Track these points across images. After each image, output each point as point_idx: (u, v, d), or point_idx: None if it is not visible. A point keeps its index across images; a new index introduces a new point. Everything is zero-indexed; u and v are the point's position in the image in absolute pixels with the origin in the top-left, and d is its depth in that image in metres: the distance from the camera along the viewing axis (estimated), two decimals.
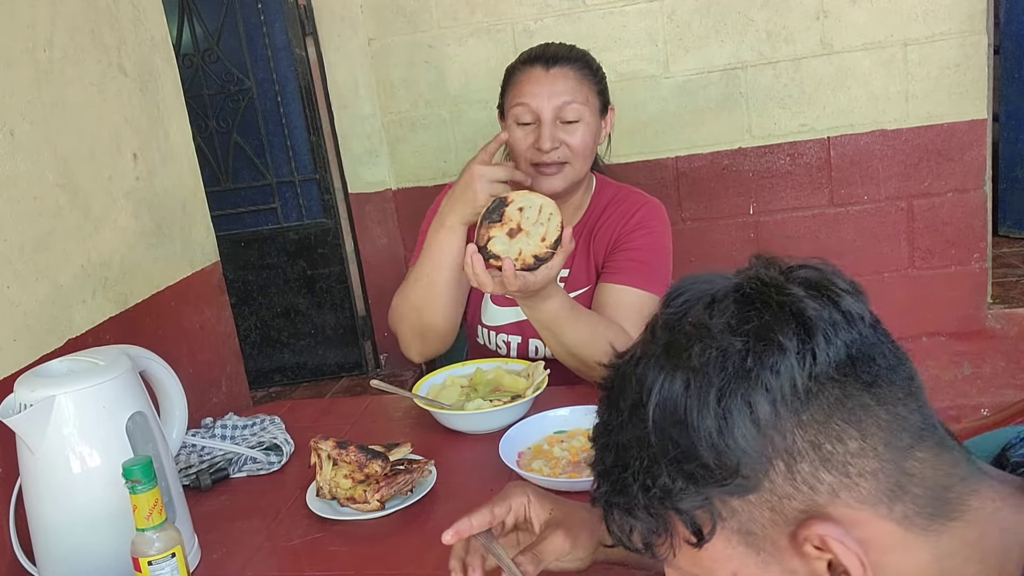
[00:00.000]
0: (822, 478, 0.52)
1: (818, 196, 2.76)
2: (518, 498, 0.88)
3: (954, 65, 2.62)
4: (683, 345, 0.54)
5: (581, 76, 1.51)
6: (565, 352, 1.41)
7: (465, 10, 2.81)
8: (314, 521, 1.17)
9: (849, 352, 0.52)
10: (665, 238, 1.56)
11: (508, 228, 1.27)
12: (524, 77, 1.51)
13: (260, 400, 3.12)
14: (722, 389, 0.52)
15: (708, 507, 0.53)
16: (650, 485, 0.54)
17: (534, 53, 1.53)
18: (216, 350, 1.87)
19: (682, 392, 0.53)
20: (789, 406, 0.51)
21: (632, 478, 0.55)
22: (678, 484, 0.53)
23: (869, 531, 0.52)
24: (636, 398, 0.55)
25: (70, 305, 1.41)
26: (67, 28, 1.48)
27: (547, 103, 1.47)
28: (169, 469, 1.12)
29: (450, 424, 1.38)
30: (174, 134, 1.80)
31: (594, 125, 1.51)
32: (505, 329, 1.59)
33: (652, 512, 0.55)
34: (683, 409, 0.52)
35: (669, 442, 0.53)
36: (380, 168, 3.09)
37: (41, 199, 1.37)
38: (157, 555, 0.93)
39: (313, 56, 3.08)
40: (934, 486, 0.53)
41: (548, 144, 1.46)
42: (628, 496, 0.56)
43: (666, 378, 0.54)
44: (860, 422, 0.52)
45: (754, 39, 2.68)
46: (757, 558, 0.54)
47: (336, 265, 3.31)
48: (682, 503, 0.53)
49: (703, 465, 0.52)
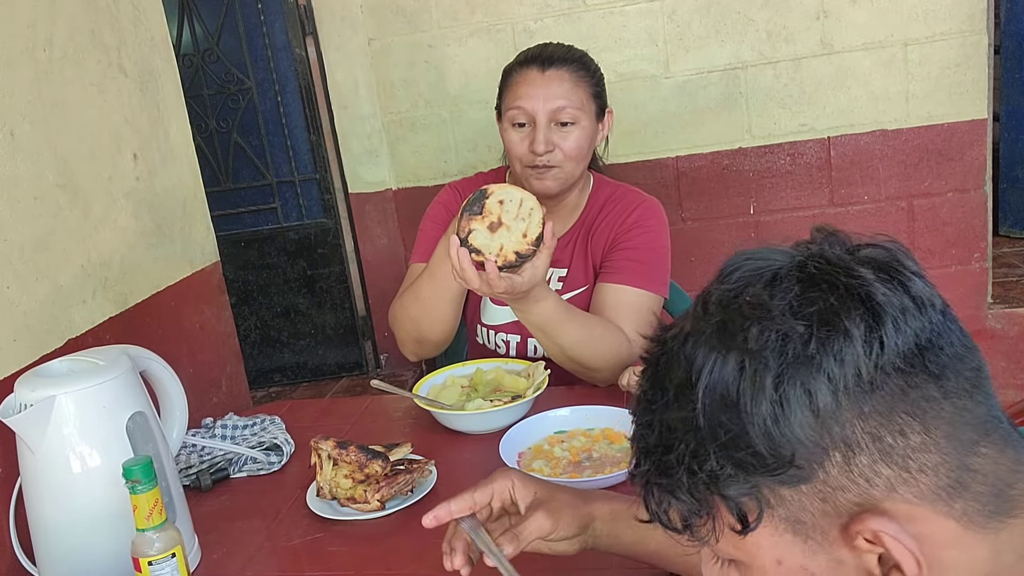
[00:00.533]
0: (880, 471, 0.49)
1: (818, 196, 2.76)
2: (502, 482, 0.88)
3: (954, 65, 2.62)
4: (739, 325, 0.51)
5: (577, 79, 1.50)
6: (561, 354, 1.41)
7: (465, 10, 2.81)
8: (314, 521, 1.17)
9: (918, 341, 0.50)
10: (663, 236, 1.56)
11: (489, 221, 1.25)
12: (520, 79, 1.50)
13: (260, 400, 3.12)
14: (780, 375, 0.49)
15: (756, 494, 0.51)
16: (696, 469, 0.52)
17: (531, 54, 1.52)
18: (216, 350, 1.87)
19: (735, 375, 0.50)
20: (852, 396, 0.49)
21: (677, 460, 0.52)
22: (726, 470, 0.51)
23: (926, 527, 0.50)
24: (684, 378, 0.52)
25: (70, 305, 1.41)
26: (67, 28, 1.48)
27: (542, 106, 1.46)
28: (169, 469, 1.12)
29: (450, 424, 1.38)
30: (174, 134, 1.79)
31: (590, 128, 1.51)
32: (504, 328, 1.59)
33: (696, 495, 0.53)
34: (736, 393, 0.50)
35: (719, 427, 0.50)
36: (380, 168, 3.09)
37: (41, 199, 1.37)
38: (157, 555, 0.93)
39: (313, 56, 3.08)
40: (996, 482, 0.51)
41: (542, 147, 1.46)
42: (671, 478, 0.53)
43: (718, 359, 0.51)
44: (924, 415, 0.49)
45: (754, 39, 2.68)
46: (804, 546, 0.52)
47: (336, 265, 3.31)
48: (729, 489, 0.51)
49: (754, 453, 0.50)
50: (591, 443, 1.27)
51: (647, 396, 0.56)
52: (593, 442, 1.27)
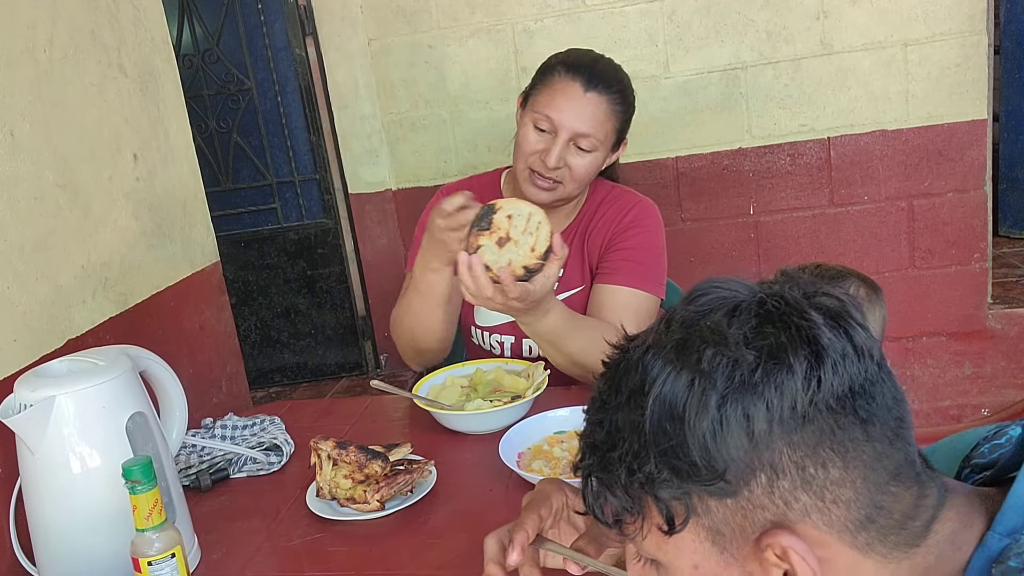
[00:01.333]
0: (799, 497, 0.54)
1: (818, 196, 2.76)
2: (557, 496, 0.87)
3: (954, 65, 2.62)
4: (696, 346, 0.55)
5: (612, 111, 1.47)
6: (567, 361, 1.41)
7: (465, 10, 2.81)
8: (314, 521, 1.17)
9: (852, 386, 0.54)
10: (659, 237, 1.56)
11: (497, 237, 1.24)
12: (560, 86, 1.45)
13: (260, 400, 3.12)
14: (725, 396, 0.53)
15: (685, 500, 0.55)
16: (635, 469, 0.56)
17: (582, 63, 1.47)
18: (216, 350, 1.87)
19: (685, 390, 0.54)
20: (785, 426, 0.53)
21: (619, 458, 0.57)
22: (663, 474, 0.55)
23: (830, 553, 0.55)
24: (638, 385, 0.57)
25: (70, 305, 1.41)
26: (67, 28, 1.48)
27: (570, 123, 1.44)
28: (169, 469, 1.12)
29: (450, 424, 1.38)
30: (174, 134, 1.80)
31: (602, 158, 1.50)
32: (498, 330, 1.60)
33: (631, 493, 0.57)
34: (683, 406, 0.54)
35: (663, 434, 0.55)
36: (380, 168, 3.10)
37: (41, 199, 1.37)
38: (157, 555, 0.93)
39: (313, 56, 3.08)
40: (901, 518, 0.56)
41: (554, 162, 1.45)
42: (611, 474, 0.58)
43: (672, 373, 0.55)
44: (846, 453, 0.54)
45: (754, 39, 2.68)
46: (720, 557, 0.56)
47: (336, 265, 3.31)
48: (662, 492, 0.55)
49: (691, 463, 0.54)
50: None
51: (602, 396, 0.60)
52: None
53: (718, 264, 2.82)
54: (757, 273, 2.79)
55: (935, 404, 2.84)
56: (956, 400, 2.82)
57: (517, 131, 1.52)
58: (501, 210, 1.25)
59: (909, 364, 2.80)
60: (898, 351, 2.78)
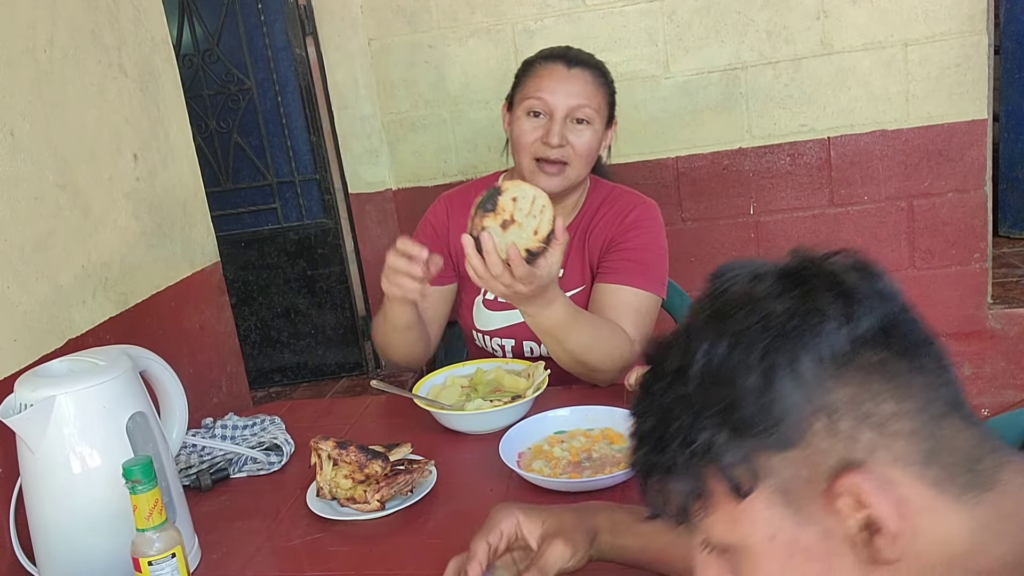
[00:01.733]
0: (860, 435, 0.53)
1: (818, 196, 2.76)
2: (508, 521, 0.89)
3: (954, 65, 2.62)
4: (727, 312, 0.56)
5: (598, 83, 1.52)
6: (570, 358, 1.41)
7: (465, 10, 2.81)
8: (314, 521, 1.17)
9: (884, 324, 0.54)
10: (660, 237, 1.56)
11: (501, 219, 1.24)
12: (544, 71, 1.51)
13: (260, 400, 3.12)
14: (766, 348, 0.53)
15: (749, 464, 0.54)
16: (692, 441, 0.55)
17: (556, 52, 1.54)
18: (216, 350, 1.87)
19: (726, 353, 0.54)
20: (829, 367, 0.53)
21: (673, 435, 0.56)
22: (719, 439, 0.54)
23: (903, 491, 0.53)
24: (680, 363, 0.57)
25: (70, 305, 1.41)
26: (67, 28, 1.48)
27: (563, 101, 1.48)
28: (169, 469, 1.12)
29: (450, 424, 1.38)
30: (174, 134, 1.80)
31: (600, 132, 1.53)
32: (499, 333, 1.60)
33: (691, 470, 0.56)
34: (728, 368, 0.54)
35: (713, 399, 0.54)
36: (380, 168, 3.10)
37: (41, 199, 1.37)
38: (157, 555, 0.93)
39: (313, 56, 3.08)
40: (966, 457, 0.55)
41: (556, 139, 1.47)
42: (667, 454, 0.57)
43: (710, 342, 0.55)
44: (897, 387, 0.54)
45: (754, 39, 2.68)
46: (795, 519, 0.54)
47: (336, 265, 3.31)
48: (724, 458, 0.54)
49: (745, 419, 0.54)
50: (591, 443, 1.26)
51: (646, 387, 0.60)
52: (593, 442, 1.27)
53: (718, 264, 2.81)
54: None
55: None
56: None
57: (510, 132, 1.54)
58: (507, 192, 1.25)
59: None
60: None
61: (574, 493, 1.15)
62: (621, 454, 1.23)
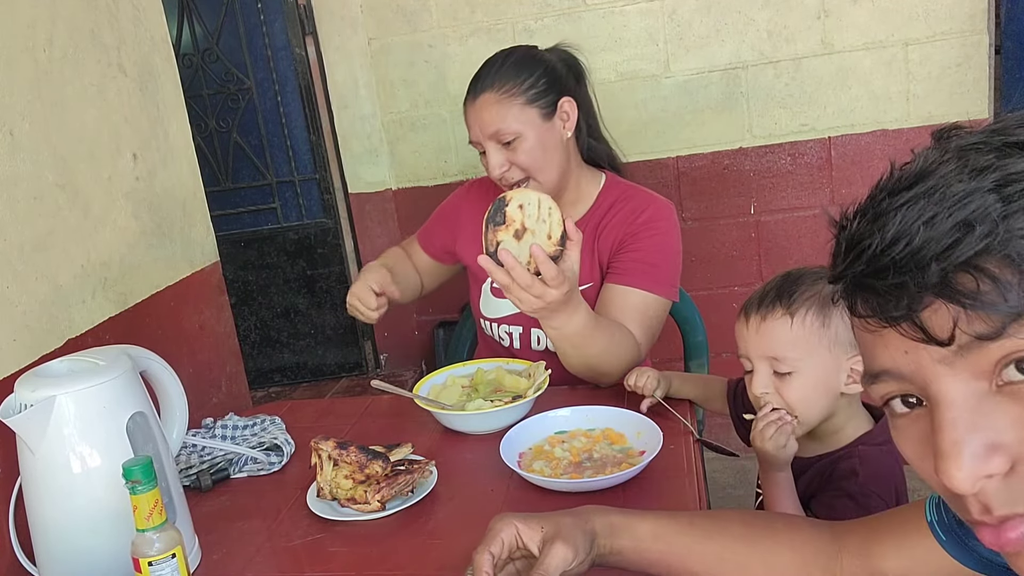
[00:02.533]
0: None
1: (819, 196, 2.76)
2: (507, 530, 0.88)
3: (955, 65, 2.62)
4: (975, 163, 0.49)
5: (502, 97, 1.48)
6: (583, 363, 1.40)
7: (465, 9, 2.80)
8: (315, 522, 1.16)
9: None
10: (672, 239, 1.54)
11: (513, 229, 1.23)
12: (466, 109, 1.55)
13: (260, 400, 3.11)
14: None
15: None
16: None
17: (471, 81, 1.56)
18: (216, 350, 1.87)
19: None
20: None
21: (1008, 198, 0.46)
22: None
23: None
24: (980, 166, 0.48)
25: (70, 305, 1.41)
26: (67, 28, 1.47)
27: (481, 133, 1.51)
28: (169, 469, 1.12)
29: (451, 424, 1.38)
30: (174, 134, 1.79)
31: (539, 133, 1.49)
32: (506, 320, 1.60)
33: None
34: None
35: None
36: (380, 168, 3.09)
37: (41, 199, 1.37)
38: (157, 556, 0.93)
39: (313, 56, 3.08)
40: None
41: (496, 172, 1.50)
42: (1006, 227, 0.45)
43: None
44: None
45: (755, 39, 2.67)
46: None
47: (336, 265, 3.31)
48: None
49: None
50: (592, 443, 1.26)
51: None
52: (594, 442, 1.27)
53: (719, 264, 2.82)
54: (758, 273, 2.79)
55: None
56: None
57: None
58: (512, 201, 1.25)
59: None
60: None
61: (575, 493, 1.15)
62: (622, 454, 1.23)
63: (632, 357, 1.42)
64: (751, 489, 1.31)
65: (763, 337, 1.13)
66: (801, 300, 1.11)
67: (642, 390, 1.35)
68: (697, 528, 0.92)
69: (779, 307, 1.12)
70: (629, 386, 1.37)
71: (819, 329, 1.11)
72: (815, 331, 1.11)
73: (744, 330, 1.16)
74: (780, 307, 1.12)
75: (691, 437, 1.30)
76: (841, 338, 1.12)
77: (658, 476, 1.17)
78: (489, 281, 1.62)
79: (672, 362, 1.90)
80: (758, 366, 1.14)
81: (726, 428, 1.38)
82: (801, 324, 1.10)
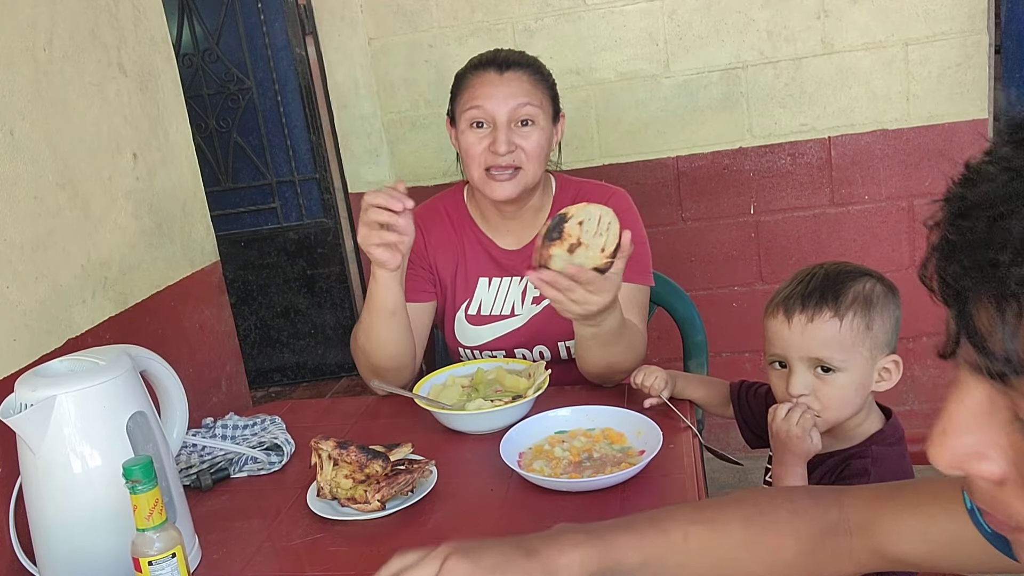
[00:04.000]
0: None
1: (819, 196, 2.76)
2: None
3: (955, 65, 2.62)
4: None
5: (534, 80, 1.51)
6: (605, 363, 1.40)
7: (465, 9, 2.80)
8: (315, 521, 1.16)
9: None
10: (639, 225, 1.56)
11: (568, 244, 1.21)
12: (478, 80, 1.50)
13: (260, 400, 3.11)
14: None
15: None
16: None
17: (486, 58, 1.53)
18: (216, 350, 1.87)
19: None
20: None
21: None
22: None
23: None
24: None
25: (70, 305, 1.41)
26: (67, 27, 1.47)
27: (502, 105, 1.47)
28: (169, 469, 1.12)
29: (451, 424, 1.38)
30: (174, 134, 1.79)
31: (548, 130, 1.52)
32: (489, 347, 1.59)
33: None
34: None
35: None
36: (380, 167, 3.09)
37: (41, 199, 1.37)
38: (157, 555, 0.93)
39: (313, 56, 3.08)
40: None
41: (504, 147, 1.46)
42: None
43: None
44: None
45: (755, 39, 2.67)
46: None
47: (336, 265, 3.31)
48: None
49: None
50: (592, 443, 1.26)
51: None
52: (594, 442, 1.27)
53: (718, 264, 2.82)
54: (758, 273, 2.79)
55: (935, 405, 2.84)
56: None
57: (458, 147, 1.54)
58: (573, 217, 1.23)
59: (909, 364, 2.80)
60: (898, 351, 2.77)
61: (575, 493, 1.15)
62: (622, 454, 1.23)
63: (643, 352, 1.44)
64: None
65: (809, 338, 1.11)
66: (848, 302, 1.10)
67: (649, 390, 1.35)
68: (692, 542, 0.83)
69: (827, 308, 1.10)
70: (636, 384, 1.37)
71: (864, 331, 1.11)
72: (860, 333, 1.11)
73: (785, 330, 1.13)
74: (828, 308, 1.10)
75: (691, 435, 1.30)
76: (879, 340, 1.12)
77: (658, 476, 1.17)
78: (464, 308, 1.61)
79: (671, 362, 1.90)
80: (798, 367, 1.13)
81: (725, 429, 1.38)
82: (849, 327, 1.10)
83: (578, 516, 1.09)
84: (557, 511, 1.11)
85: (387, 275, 1.38)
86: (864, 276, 1.14)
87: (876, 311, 1.11)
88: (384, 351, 1.45)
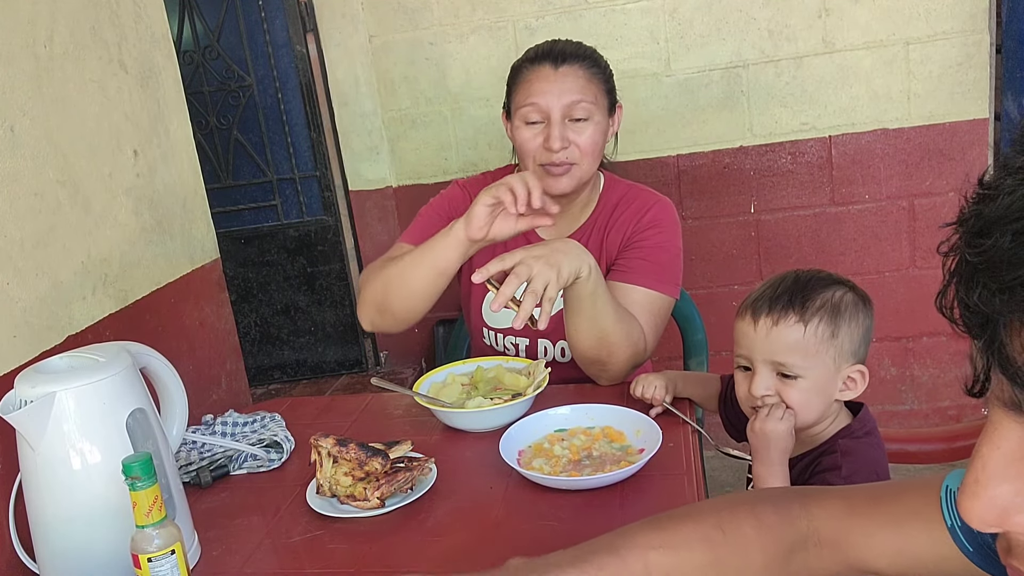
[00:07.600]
0: None
1: (819, 195, 2.76)
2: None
3: (956, 64, 2.62)
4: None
5: (590, 75, 1.49)
6: (594, 335, 1.38)
7: (466, 7, 2.80)
8: (314, 518, 1.17)
9: None
10: (676, 238, 1.55)
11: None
12: (533, 75, 1.49)
13: (260, 397, 3.11)
14: None
15: None
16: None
17: (542, 50, 1.51)
18: (216, 347, 1.87)
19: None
20: None
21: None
22: None
23: None
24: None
25: (70, 302, 1.41)
26: (68, 24, 1.47)
27: (556, 102, 1.46)
28: (169, 466, 1.12)
29: (451, 422, 1.38)
30: (174, 131, 1.79)
31: (603, 124, 1.51)
32: (512, 331, 1.58)
33: None
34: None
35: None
36: (381, 165, 3.09)
37: (41, 195, 1.37)
38: (157, 552, 0.93)
39: (314, 53, 3.08)
40: None
41: (558, 144, 1.45)
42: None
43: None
44: None
45: (756, 37, 2.67)
46: None
47: (336, 262, 3.31)
48: None
49: None
50: (591, 441, 1.26)
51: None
52: (593, 440, 1.27)
53: (718, 262, 2.82)
54: (758, 272, 2.79)
55: (935, 404, 2.84)
56: (956, 400, 2.82)
57: (513, 141, 1.53)
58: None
59: (909, 364, 2.80)
60: (898, 351, 2.77)
61: (574, 491, 1.15)
62: (622, 452, 1.23)
63: (640, 343, 1.42)
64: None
65: (772, 342, 1.12)
66: (814, 309, 1.10)
67: (651, 400, 1.35)
68: (654, 572, 0.77)
69: (792, 314, 1.11)
70: (636, 396, 1.37)
71: (828, 339, 1.11)
72: (824, 340, 1.10)
73: (750, 331, 1.14)
74: (793, 314, 1.11)
75: (690, 433, 1.30)
76: (845, 348, 1.12)
77: (657, 474, 1.18)
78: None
79: (672, 360, 1.90)
80: (761, 368, 1.14)
81: (723, 426, 1.38)
82: (813, 333, 1.10)
83: (578, 514, 1.10)
84: (556, 509, 1.11)
85: (462, 238, 1.37)
86: (836, 284, 1.14)
87: (843, 320, 1.11)
88: (408, 301, 1.45)
